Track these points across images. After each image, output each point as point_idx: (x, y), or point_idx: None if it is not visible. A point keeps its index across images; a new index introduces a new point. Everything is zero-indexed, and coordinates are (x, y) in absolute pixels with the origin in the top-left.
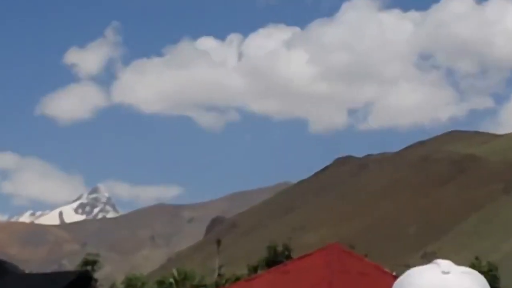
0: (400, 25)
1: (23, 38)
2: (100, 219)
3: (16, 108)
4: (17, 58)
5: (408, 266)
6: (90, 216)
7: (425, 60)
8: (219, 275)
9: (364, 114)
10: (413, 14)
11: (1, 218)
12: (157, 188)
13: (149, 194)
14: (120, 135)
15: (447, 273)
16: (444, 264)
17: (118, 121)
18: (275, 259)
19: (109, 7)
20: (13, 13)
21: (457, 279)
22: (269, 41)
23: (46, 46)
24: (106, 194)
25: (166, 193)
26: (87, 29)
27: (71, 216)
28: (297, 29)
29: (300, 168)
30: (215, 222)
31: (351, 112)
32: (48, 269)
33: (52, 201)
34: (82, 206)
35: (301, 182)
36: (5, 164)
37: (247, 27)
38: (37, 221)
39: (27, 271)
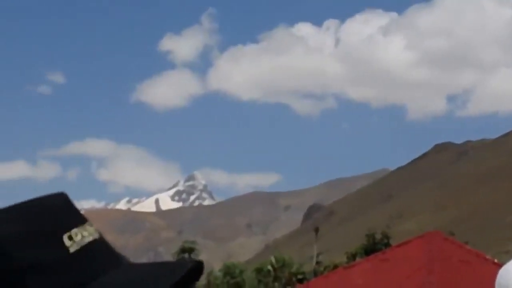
0: (500, 9)
1: (119, 25)
2: (197, 206)
3: (112, 96)
4: (113, 46)
5: (509, 253)
6: (187, 204)
7: None
8: (317, 262)
9: (463, 100)
10: None
11: (97, 205)
12: (254, 175)
13: (246, 182)
14: (216, 122)
15: None
16: None
17: (214, 108)
18: (373, 247)
19: None
20: (108, 1)
21: None
22: (366, 27)
23: (141, 33)
24: (203, 182)
25: (263, 180)
26: (183, 15)
27: (168, 203)
28: (394, 15)
29: (398, 155)
30: (312, 209)
31: (450, 98)
32: (145, 256)
33: (149, 188)
34: (178, 193)
35: (399, 169)
36: (101, 151)
37: (344, 13)
38: (133, 209)
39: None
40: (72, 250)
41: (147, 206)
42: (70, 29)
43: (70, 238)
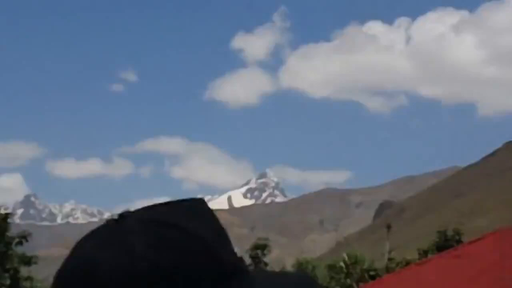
0: None
1: (191, 24)
2: (269, 203)
3: (185, 94)
4: (185, 44)
5: None
6: (259, 201)
7: None
8: (389, 259)
9: None
10: None
11: None
12: (325, 173)
13: (318, 179)
14: (288, 120)
15: None
16: None
17: (286, 106)
18: (445, 243)
19: None
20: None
21: None
22: (437, 24)
23: (214, 31)
24: (275, 179)
25: (335, 177)
26: (255, 14)
27: (240, 200)
28: (465, 13)
29: (468, 153)
30: (383, 206)
31: None
32: None
33: (221, 185)
34: (250, 190)
35: (470, 167)
36: (175, 149)
37: (416, 11)
38: None
39: None
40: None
41: (219, 203)
42: (143, 28)
43: None
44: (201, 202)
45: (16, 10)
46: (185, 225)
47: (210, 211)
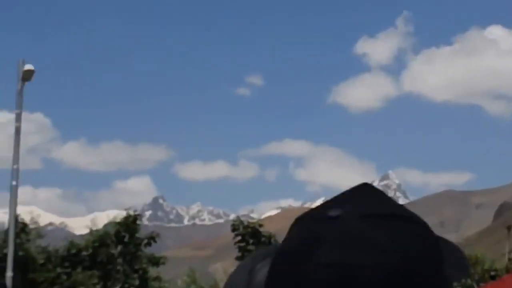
0: None
1: (315, 29)
2: None
3: (309, 98)
4: (310, 48)
5: None
6: None
7: None
8: (509, 259)
9: None
10: None
11: (295, 204)
12: (447, 174)
13: (439, 181)
14: (410, 123)
15: None
16: None
17: (408, 109)
18: None
19: None
20: (305, 4)
21: None
22: None
23: (338, 35)
24: (397, 181)
25: (456, 179)
26: (379, 19)
27: None
28: None
29: None
30: (503, 207)
31: None
32: None
33: (344, 187)
34: None
35: None
36: (300, 152)
37: None
38: None
39: None
40: None
41: None
42: (269, 33)
43: None
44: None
45: (142, 17)
46: (417, 218)
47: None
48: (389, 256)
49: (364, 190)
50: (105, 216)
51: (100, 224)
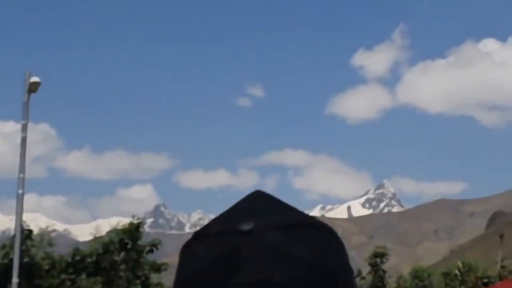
0: None
1: (313, 41)
2: (386, 213)
3: (308, 109)
4: (308, 60)
5: None
6: (377, 211)
7: None
8: (502, 267)
9: None
10: None
11: None
12: (441, 184)
13: (434, 190)
14: (406, 134)
15: None
16: None
17: (404, 120)
18: None
19: (398, 11)
20: (303, 18)
21: None
22: None
23: (335, 48)
24: (392, 190)
25: (450, 188)
26: (376, 32)
27: (359, 210)
28: None
29: None
30: (496, 216)
31: None
32: None
33: (341, 196)
34: (369, 201)
35: None
36: (298, 161)
37: None
38: (327, 215)
39: None
40: None
41: (339, 212)
42: (270, 46)
43: None
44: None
45: (145, 28)
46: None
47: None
48: (312, 269)
49: (263, 198)
50: (108, 223)
51: (103, 231)
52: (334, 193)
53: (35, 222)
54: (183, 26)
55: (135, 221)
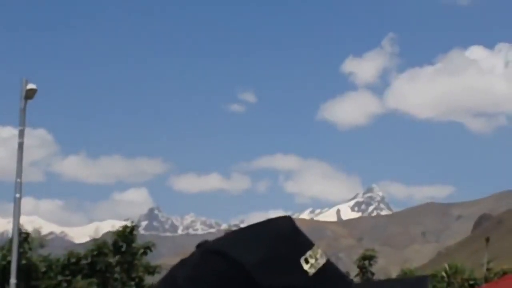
0: None
1: (304, 48)
2: (375, 216)
3: (299, 115)
4: (300, 68)
5: None
6: (366, 214)
7: None
8: (487, 269)
9: None
10: None
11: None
12: (429, 188)
13: (422, 194)
14: (395, 139)
15: None
16: None
17: (393, 126)
18: None
19: (387, 19)
20: (295, 25)
21: None
22: None
23: (326, 55)
24: (380, 194)
25: (438, 192)
26: (365, 39)
27: (348, 213)
28: None
29: None
30: (482, 219)
31: None
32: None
33: (331, 199)
34: (358, 204)
35: None
36: (289, 165)
37: None
38: (316, 218)
39: None
40: (310, 273)
41: (329, 216)
42: (262, 52)
43: (307, 261)
44: (273, 224)
45: (139, 36)
46: (230, 253)
47: (277, 234)
48: None
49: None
50: (103, 226)
51: (100, 234)
52: (324, 196)
53: (32, 224)
54: (176, 33)
55: (130, 224)
